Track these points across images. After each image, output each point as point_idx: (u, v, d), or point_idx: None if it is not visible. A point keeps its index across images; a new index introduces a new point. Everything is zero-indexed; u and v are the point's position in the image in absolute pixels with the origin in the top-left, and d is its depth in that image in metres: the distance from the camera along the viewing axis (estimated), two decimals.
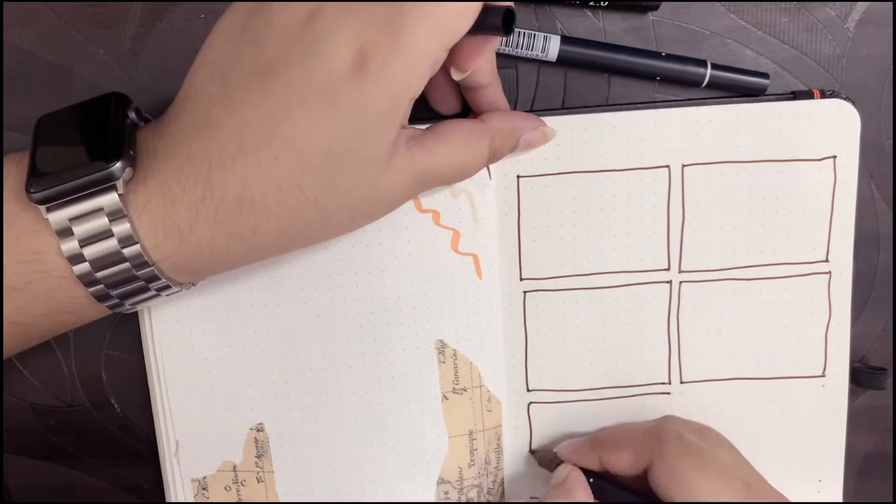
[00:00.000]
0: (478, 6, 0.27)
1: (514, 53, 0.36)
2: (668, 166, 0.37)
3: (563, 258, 0.38)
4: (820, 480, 0.40)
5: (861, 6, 0.37)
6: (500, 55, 0.36)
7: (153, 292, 0.29)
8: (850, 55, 0.37)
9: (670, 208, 0.37)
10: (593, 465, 0.36)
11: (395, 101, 0.27)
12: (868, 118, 0.37)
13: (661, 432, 0.35)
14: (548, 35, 0.36)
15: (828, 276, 0.38)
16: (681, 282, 0.38)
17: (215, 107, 0.27)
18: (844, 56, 0.37)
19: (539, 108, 0.37)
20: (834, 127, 0.36)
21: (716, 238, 0.38)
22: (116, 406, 0.39)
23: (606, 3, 0.36)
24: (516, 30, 0.35)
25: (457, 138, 0.31)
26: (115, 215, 0.27)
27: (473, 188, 0.36)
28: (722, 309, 0.38)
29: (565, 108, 0.37)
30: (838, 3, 0.37)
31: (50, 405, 0.39)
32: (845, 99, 0.36)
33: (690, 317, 0.38)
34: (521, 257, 0.38)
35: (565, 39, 0.36)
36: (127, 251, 0.27)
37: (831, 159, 0.37)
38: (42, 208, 0.27)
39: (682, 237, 0.38)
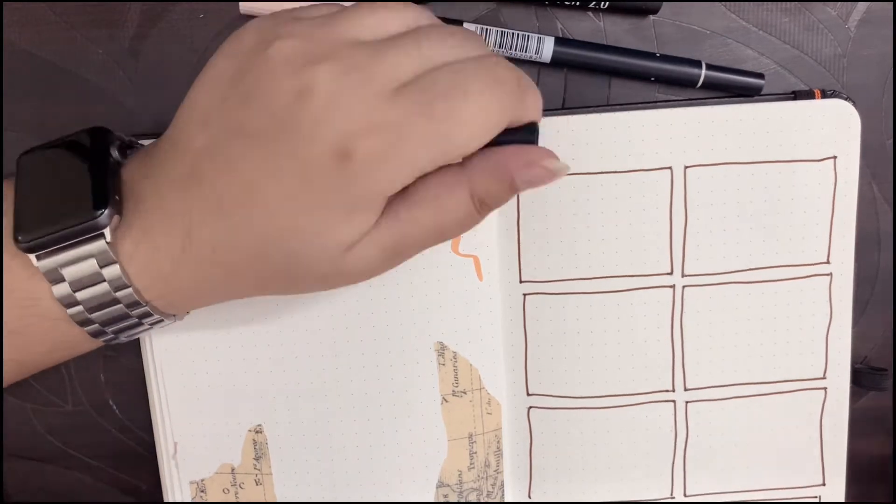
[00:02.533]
0: (482, 144, 0.27)
1: (508, 55, 0.36)
2: (670, 168, 0.37)
3: (563, 261, 0.37)
4: (822, 483, 0.40)
5: (862, 6, 0.37)
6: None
7: (147, 326, 0.30)
8: (851, 55, 0.37)
9: (673, 210, 0.37)
10: None
11: (370, 200, 0.26)
12: (869, 118, 0.37)
13: None
14: (541, 36, 0.36)
15: (829, 277, 0.38)
16: (684, 286, 0.38)
17: (201, 160, 0.27)
18: (845, 56, 0.37)
19: None
20: (835, 127, 0.36)
21: (718, 241, 0.37)
22: (115, 408, 0.39)
23: (606, 5, 0.36)
24: (510, 31, 0.35)
25: (427, 196, 0.28)
26: (105, 261, 0.27)
27: None
28: (724, 313, 0.38)
29: (565, 109, 0.37)
30: (839, 2, 0.37)
31: (49, 407, 0.39)
32: (846, 99, 0.36)
33: (694, 322, 0.38)
34: (521, 259, 0.37)
35: (559, 41, 0.36)
36: (119, 294, 0.28)
37: (832, 160, 0.37)
38: (31, 256, 0.27)
39: (684, 240, 0.37)
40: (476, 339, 0.37)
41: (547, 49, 0.35)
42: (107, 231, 0.27)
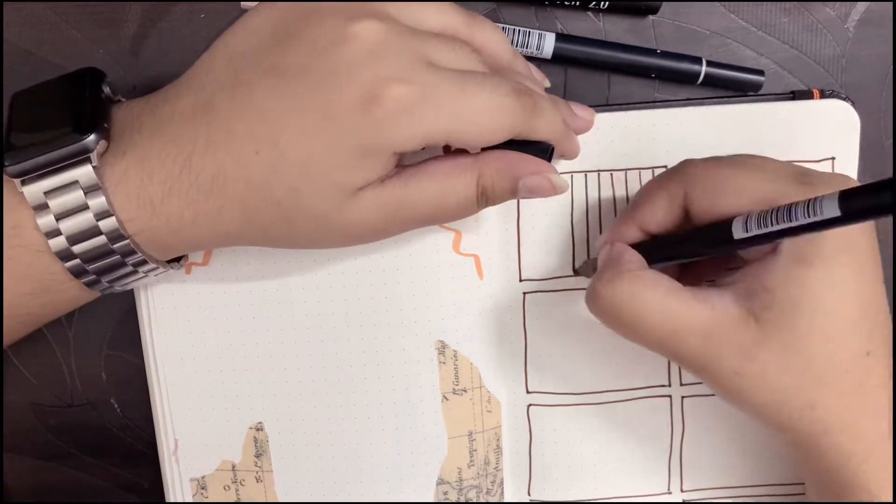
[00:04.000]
0: (502, 138, 0.29)
1: None
2: (667, 167, 0.37)
3: (562, 259, 0.38)
4: None
5: (861, 6, 0.37)
6: None
7: (129, 268, 0.30)
8: (850, 55, 0.37)
9: None
10: (634, 236, 0.33)
11: (384, 150, 0.28)
12: (868, 118, 0.37)
13: (687, 162, 0.32)
14: (543, 32, 0.36)
15: None
16: None
17: (219, 94, 0.28)
18: (844, 56, 0.37)
19: None
20: (833, 127, 0.36)
21: None
22: (116, 406, 0.39)
23: (606, 5, 0.36)
24: (511, 27, 0.36)
25: (436, 170, 0.30)
26: (91, 188, 0.27)
27: None
28: None
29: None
30: (838, 3, 0.37)
31: (50, 405, 0.39)
32: (845, 99, 0.36)
33: None
34: (521, 258, 0.38)
35: (560, 37, 0.36)
36: (103, 224, 0.28)
37: (831, 160, 0.37)
38: (17, 181, 0.27)
39: None
40: (476, 338, 0.38)
41: (548, 45, 0.36)
42: (93, 155, 0.27)
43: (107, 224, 0.28)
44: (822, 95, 0.36)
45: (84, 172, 0.27)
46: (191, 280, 0.36)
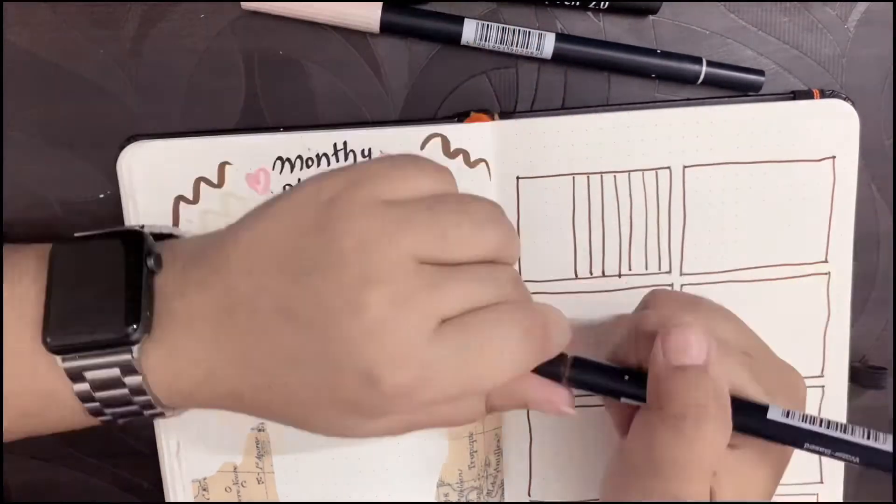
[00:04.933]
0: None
1: (509, 51, 0.36)
2: (669, 168, 0.37)
3: (562, 261, 0.37)
4: (820, 480, 0.40)
5: (861, 6, 0.37)
6: (496, 53, 0.36)
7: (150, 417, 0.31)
8: (850, 55, 0.37)
9: (672, 210, 0.37)
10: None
11: (390, 415, 0.28)
12: (868, 118, 0.37)
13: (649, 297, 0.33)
14: (543, 32, 0.36)
15: (827, 276, 0.38)
16: (682, 285, 0.38)
17: (239, 307, 0.27)
18: (845, 56, 0.37)
19: (539, 107, 0.37)
20: (833, 127, 0.36)
21: (716, 240, 0.38)
22: None
23: (606, 5, 0.36)
24: (511, 27, 0.35)
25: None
26: (128, 371, 0.28)
27: (475, 189, 0.36)
28: None
29: (565, 109, 0.37)
30: (838, 3, 0.37)
31: None
32: (845, 99, 0.36)
33: None
34: (521, 260, 0.37)
35: (560, 37, 0.36)
36: (137, 399, 0.28)
37: (830, 159, 0.37)
38: (57, 357, 0.27)
39: (682, 240, 0.38)
40: None
41: (548, 45, 0.35)
42: (135, 347, 0.27)
43: (140, 399, 0.28)
44: (822, 95, 0.36)
45: (123, 359, 0.27)
46: None
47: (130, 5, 0.35)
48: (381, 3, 0.35)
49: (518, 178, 0.37)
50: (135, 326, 0.27)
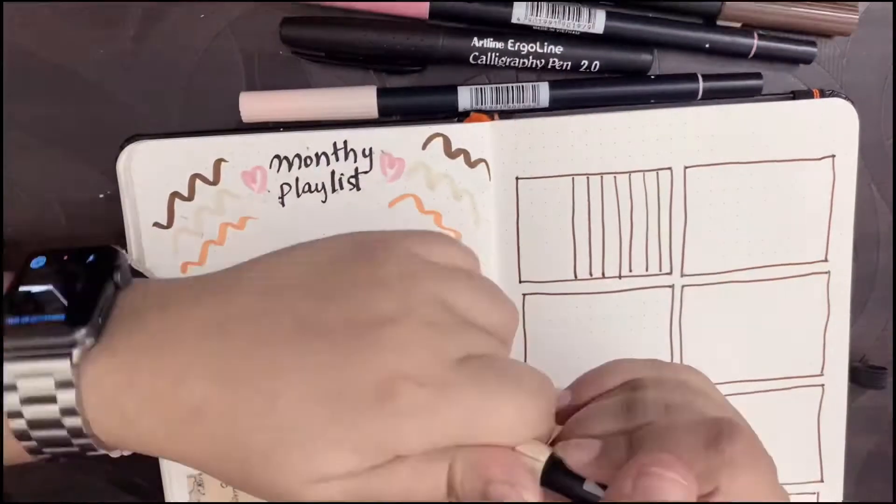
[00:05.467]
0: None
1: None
2: (670, 168, 0.37)
3: (562, 261, 0.37)
4: (820, 480, 0.40)
5: (861, 6, 0.37)
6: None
7: (81, 452, 0.27)
8: (850, 55, 0.37)
9: (672, 211, 0.37)
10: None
11: (380, 449, 0.24)
12: (868, 118, 0.37)
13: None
14: (536, 84, 0.36)
15: (827, 275, 0.38)
16: (683, 286, 0.38)
17: (236, 321, 0.25)
18: (845, 56, 0.37)
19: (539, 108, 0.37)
20: (833, 126, 0.36)
21: (717, 240, 0.38)
22: None
23: (597, 67, 0.36)
24: (504, 86, 0.36)
25: (404, 458, 0.25)
26: (63, 383, 0.25)
27: (476, 189, 0.36)
28: (723, 312, 0.38)
29: (565, 109, 0.37)
30: (838, 3, 0.37)
31: None
32: (845, 98, 0.36)
33: (692, 322, 0.38)
34: (520, 260, 0.37)
35: (554, 84, 0.36)
36: (66, 420, 0.25)
37: (830, 159, 0.37)
38: None
39: (683, 240, 0.38)
40: None
41: (543, 95, 0.36)
42: (76, 351, 0.25)
43: (70, 422, 0.25)
44: (822, 95, 0.36)
45: (59, 366, 0.25)
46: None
47: (130, 5, 0.35)
48: (374, 88, 0.35)
49: (517, 178, 0.37)
50: (82, 328, 0.25)
